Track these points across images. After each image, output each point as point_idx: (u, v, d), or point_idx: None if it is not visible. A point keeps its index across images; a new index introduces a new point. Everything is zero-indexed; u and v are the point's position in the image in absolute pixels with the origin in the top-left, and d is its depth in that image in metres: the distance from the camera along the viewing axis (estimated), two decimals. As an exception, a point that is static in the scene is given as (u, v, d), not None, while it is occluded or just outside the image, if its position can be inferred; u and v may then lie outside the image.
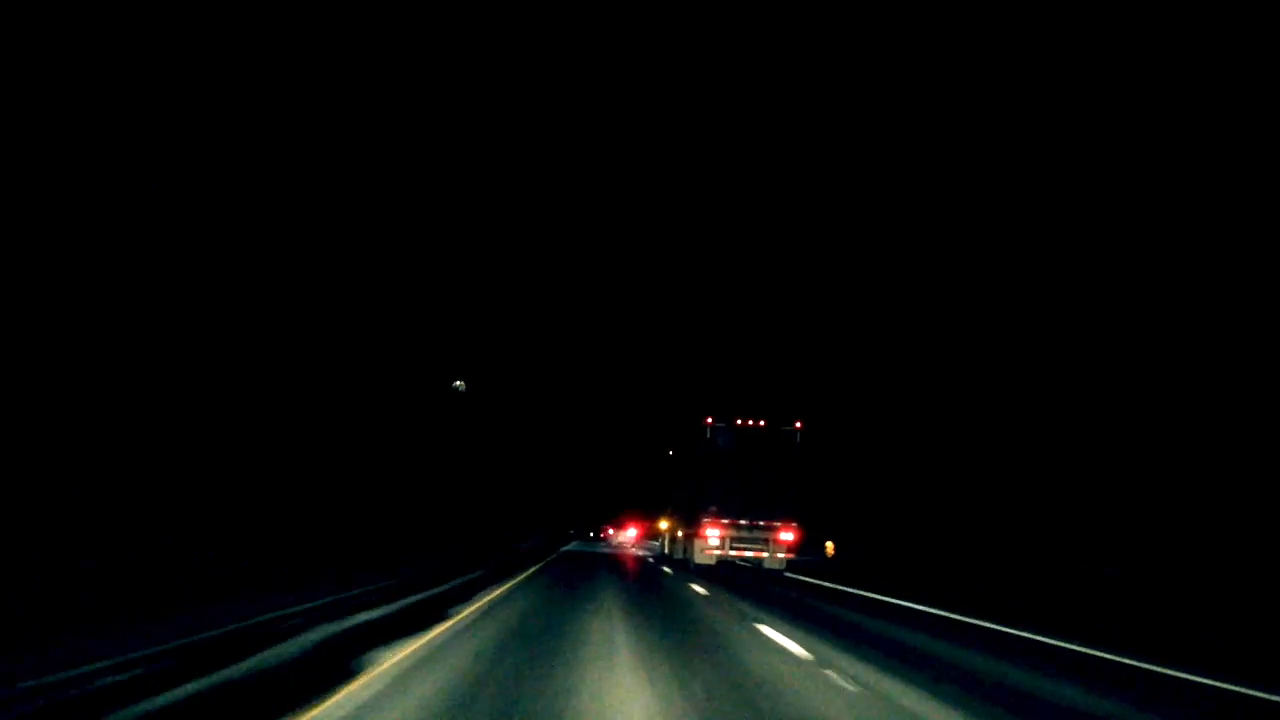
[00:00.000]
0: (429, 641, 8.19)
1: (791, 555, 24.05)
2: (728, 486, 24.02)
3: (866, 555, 31.10)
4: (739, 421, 24.33)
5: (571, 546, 50.96)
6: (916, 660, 8.67)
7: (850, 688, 6.86)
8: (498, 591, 14.43)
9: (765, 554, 24.03)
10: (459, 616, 10.42)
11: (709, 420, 24.29)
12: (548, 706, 5.75)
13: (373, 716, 5.29)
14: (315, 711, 5.31)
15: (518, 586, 15.81)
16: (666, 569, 25.31)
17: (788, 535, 23.84)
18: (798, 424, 24.36)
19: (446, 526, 41.20)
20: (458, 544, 34.16)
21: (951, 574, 26.09)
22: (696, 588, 17.51)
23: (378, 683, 6.20)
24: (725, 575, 23.48)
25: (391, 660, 7.07)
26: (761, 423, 24.33)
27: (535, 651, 7.97)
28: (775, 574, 24.78)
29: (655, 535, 41.19)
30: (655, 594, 15.84)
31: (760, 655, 8.44)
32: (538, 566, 22.83)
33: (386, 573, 16.73)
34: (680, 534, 29.43)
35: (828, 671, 7.53)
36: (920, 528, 31.74)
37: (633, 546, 61.22)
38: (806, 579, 23.70)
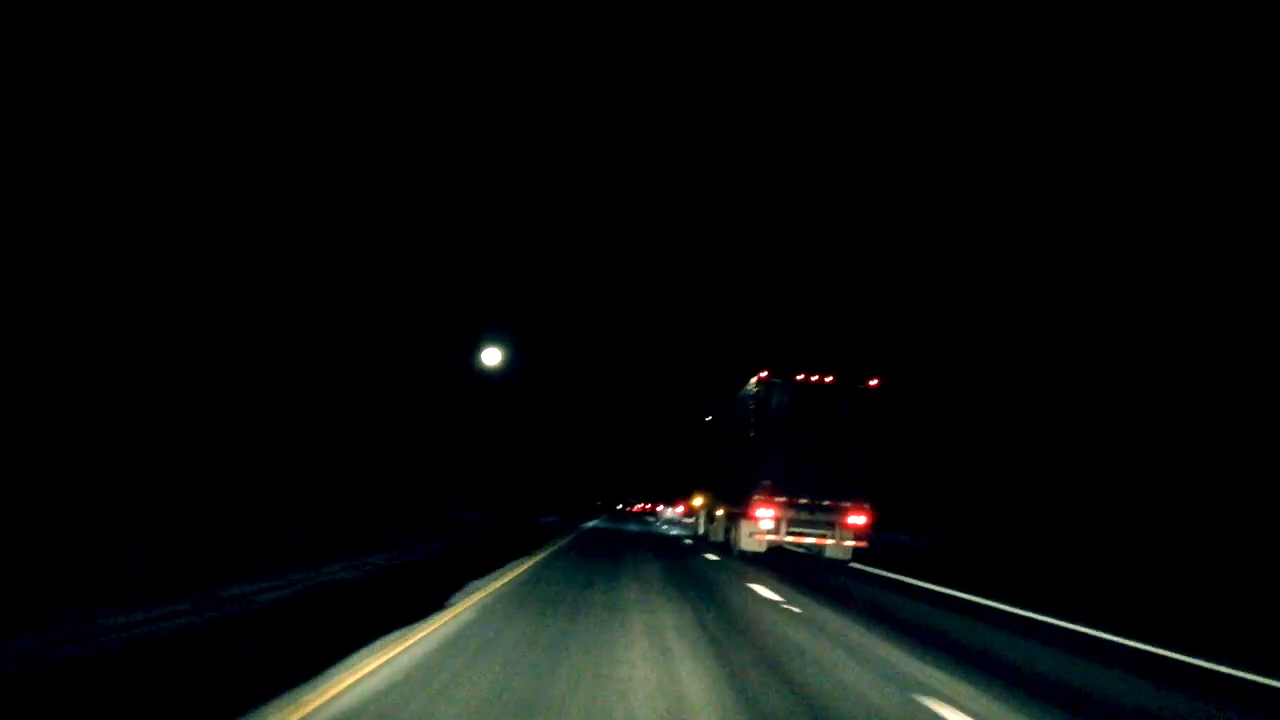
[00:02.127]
0: None
1: (862, 544, 19.51)
2: (785, 457, 19.50)
3: (949, 541, 26.44)
4: (799, 378, 19.74)
5: (596, 523, 46.72)
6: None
7: None
8: (492, 588, 10.11)
9: (830, 540, 19.51)
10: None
11: (763, 375, 19.72)
12: None
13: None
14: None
15: (538, 567, 11.49)
16: (711, 554, 20.86)
17: (858, 518, 19.31)
18: (873, 381, 19.72)
19: (455, 500, 37.36)
20: (463, 524, 30.13)
21: (1058, 569, 21.40)
22: (759, 589, 13.07)
23: None
24: (783, 565, 19.06)
25: None
26: (828, 379, 19.72)
27: None
28: (840, 565, 20.29)
29: (691, 513, 36.76)
30: (705, 597, 11.47)
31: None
32: (564, 542, 18.62)
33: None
34: (720, 513, 24.96)
35: None
36: (1012, 508, 26.94)
37: (665, 525, 57.19)
38: (883, 573, 19.23)
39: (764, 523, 19.39)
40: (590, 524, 42.43)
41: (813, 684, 6.45)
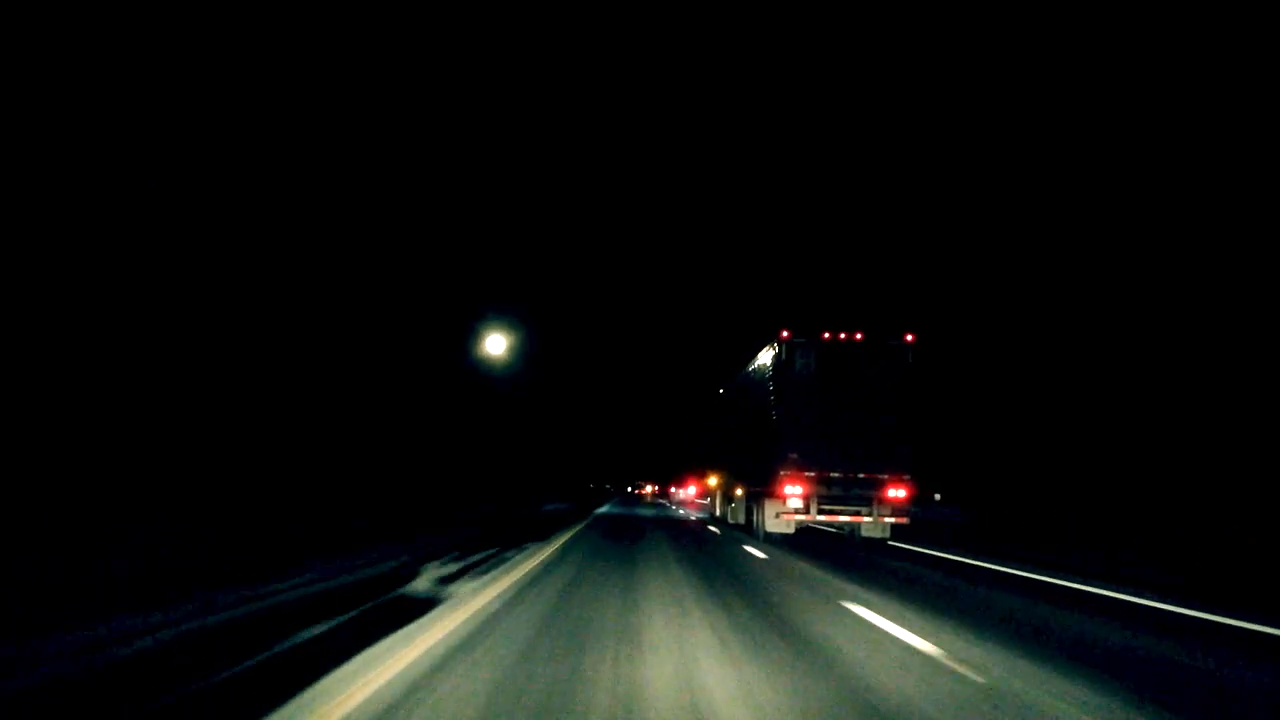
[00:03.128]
0: None
1: (904, 520, 17.31)
2: (812, 427, 17.30)
3: (985, 516, 24.19)
4: (825, 336, 17.49)
5: (607, 509, 44.64)
6: None
7: None
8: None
9: (867, 517, 17.33)
10: None
11: (784, 335, 17.49)
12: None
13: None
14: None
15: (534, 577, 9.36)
16: (753, 549, 18.73)
17: (898, 492, 17.11)
18: (909, 336, 17.47)
19: (457, 492, 35.43)
20: (475, 516, 28.10)
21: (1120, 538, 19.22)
22: (868, 616, 10.87)
23: None
24: (818, 547, 16.92)
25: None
26: (857, 336, 17.48)
27: None
28: (878, 544, 18.14)
29: (706, 494, 34.61)
30: (798, 653, 9.31)
31: None
32: (572, 533, 16.51)
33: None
34: (739, 492, 22.81)
35: None
36: (1012, 505, 24.67)
37: (680, 508, 55.15)
38: (933, 552, 17.08)
39: (792, 501, 17.22)
40: (601, 510, 40.35)
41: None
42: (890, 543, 18.30)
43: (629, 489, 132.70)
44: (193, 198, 21.67)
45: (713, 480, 31.00)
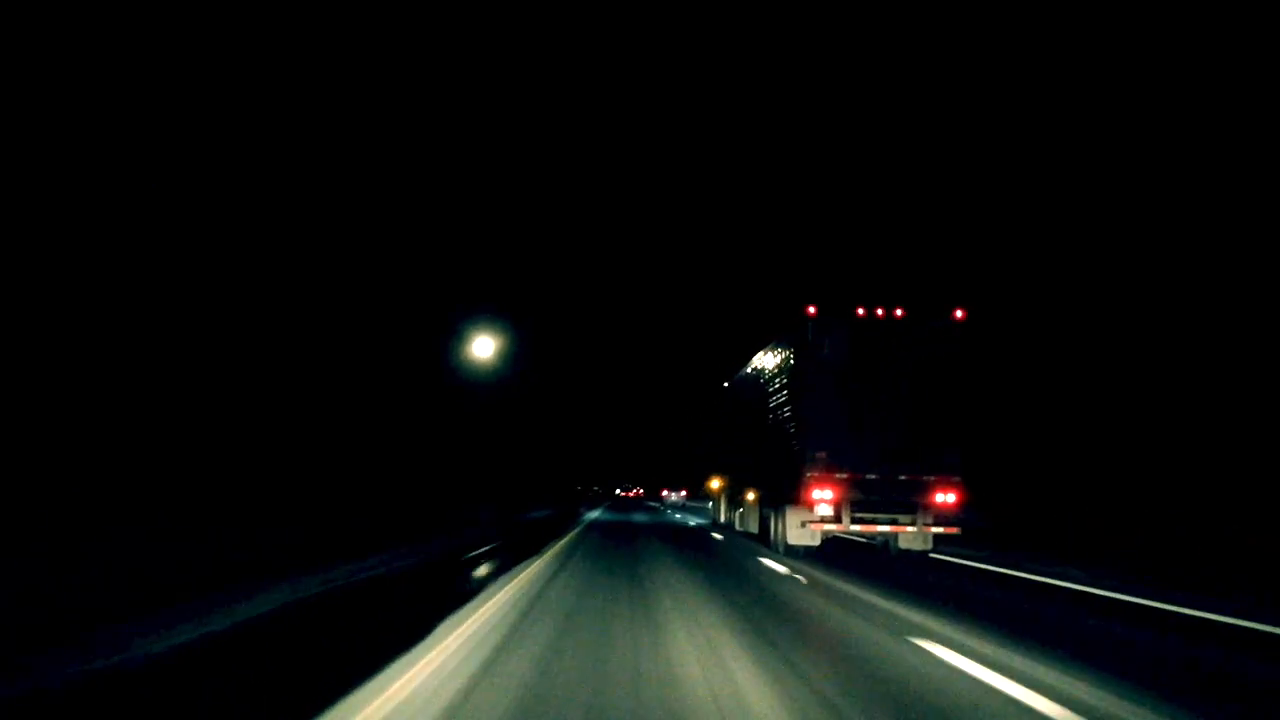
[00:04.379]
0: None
1: (953, 530, 14.67)
2: (845, 419, 14.66)
3: (1012, 516, 21.49)
4: (860, 312, 14.85)
5: (598, 514, 41.90)
6: None
7: None
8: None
9: (909, 527, 14.70)
10: None
11: (812, 311, 14.82)
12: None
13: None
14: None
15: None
16: (775, 564, 16.13)
17: (946, 496, 14.48)
18: (959, 312, 14.85)
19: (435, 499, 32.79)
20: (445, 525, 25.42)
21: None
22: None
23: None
24: (853, 562, 14.25)
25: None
26: (898, 312, 14.84)
27: None
28: (919, 557, 15.53)
29: (707, 498, 31.90)
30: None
31: None
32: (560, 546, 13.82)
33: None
34: (750, 498, 20.15)
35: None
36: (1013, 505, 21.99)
37: (670, 509, 52.46)
38: (987, 565, 14.46)
39: (821, 508, 14.57)
40: (592, 515, 37.61)
41: None
42: (932, 555, 15.69)
43: (619, 491, 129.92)
44: (181, 195, 20.98)
45: (715, 483, 28.32)
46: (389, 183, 33.80)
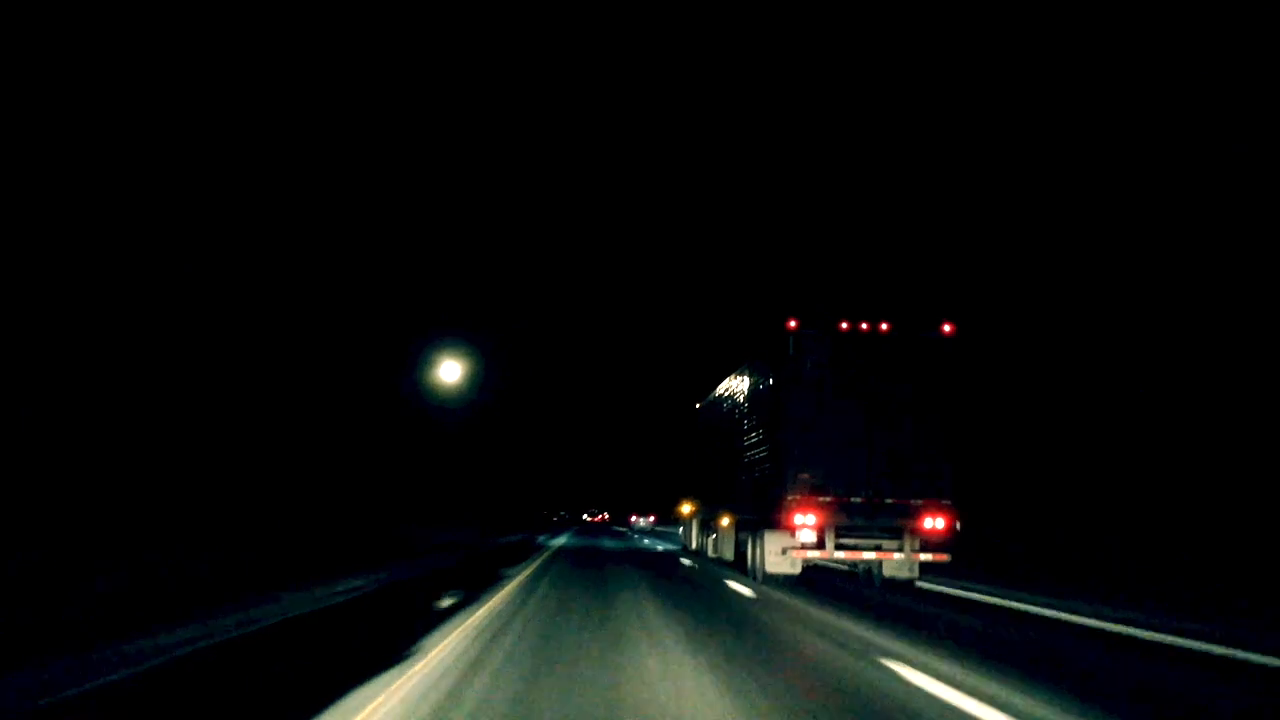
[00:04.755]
0: None
1: (943, 557, 13.75)
2: (828, 439, 13.72)
3: (1013, 542, 20.64)
4: (844, 325, 13.97)
5: (565, 540, 40.65)
6: None
7: None
8: None
9: (896, 553, 13.78)
10: None
11: (792, 324, 13.92)
12: None
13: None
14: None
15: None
16: (746, 590, 15.13)
17: (935, 521, 13.58)
18: (946, 326, 14.03)
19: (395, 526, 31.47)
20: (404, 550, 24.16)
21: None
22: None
23: None
24: (837, 591, 13.25)
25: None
26: (883, 326, 13.99)
27: None
28: (905, 585, 14.58)
29: (679, 522, 30.84)
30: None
31: None
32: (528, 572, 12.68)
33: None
34: (725, 523, 19.14)
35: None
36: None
37: (638, 535, 51.25)
38: (978, 596, 13.52)
39: (803, 533, 13.60)
40: (558, 541, 36.35)
41: None
42: (918, 583, 14.76)
43: (585, 516, 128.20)
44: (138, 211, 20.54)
45: (686, 508, 27.25)
46: (359, 205, 33.21)
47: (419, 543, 27.16)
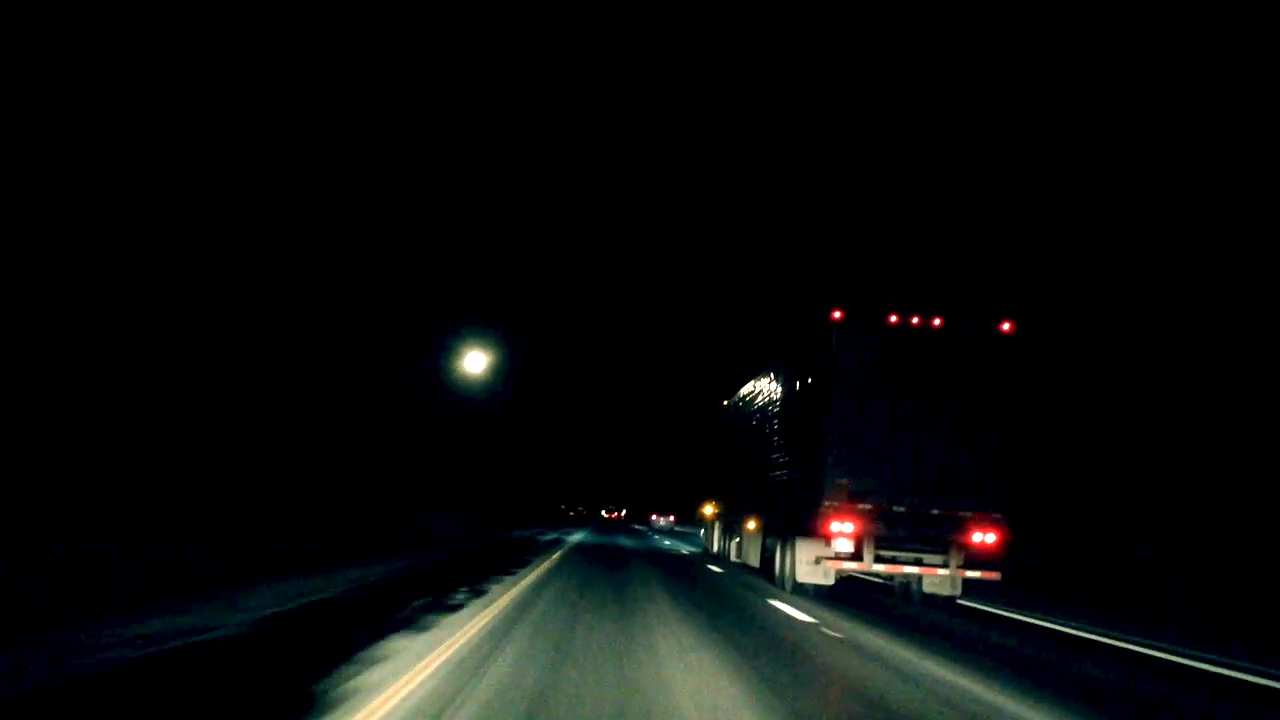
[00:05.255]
0: None
1: (991, 575, 12.62)
2: (871, 442, 12.64)
3: (1067, 561, 19.33)
4: (894, 318, 12.89)
5: (582, 537, 39.78)
6: None
7: None
8: None
9: (941, 569, 12.69)
10: None
11: (837, 315, 12.84)
12: None
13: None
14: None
15: None
16: (788, 608, 14.08)
17: (985, 535, 12.46)
18: (1005, 324, 12.91)
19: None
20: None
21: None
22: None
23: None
24: (873, 606, 12.13)
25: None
26: (936, 321, 12.90)
27: None
28: (946, 602, 13.49)
29: (701, 522, 29.81)
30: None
31: None
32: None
33: None
34: (753, 526, 18.10)
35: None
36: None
37: (658, 535, 50.22)
38: (1022, 617, 12.38)
39: (840, 542, 12.55)
40: (575, 537, 35.43)
41: None
42: (959, 601, 13.66)
43: (602, 513, 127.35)
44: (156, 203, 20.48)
45: (709, 509, 26.23)
46: (379, 195, 32.77)
47: (435, 535, 26.34)
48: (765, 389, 17.45)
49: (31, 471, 15.54)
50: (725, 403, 23.39)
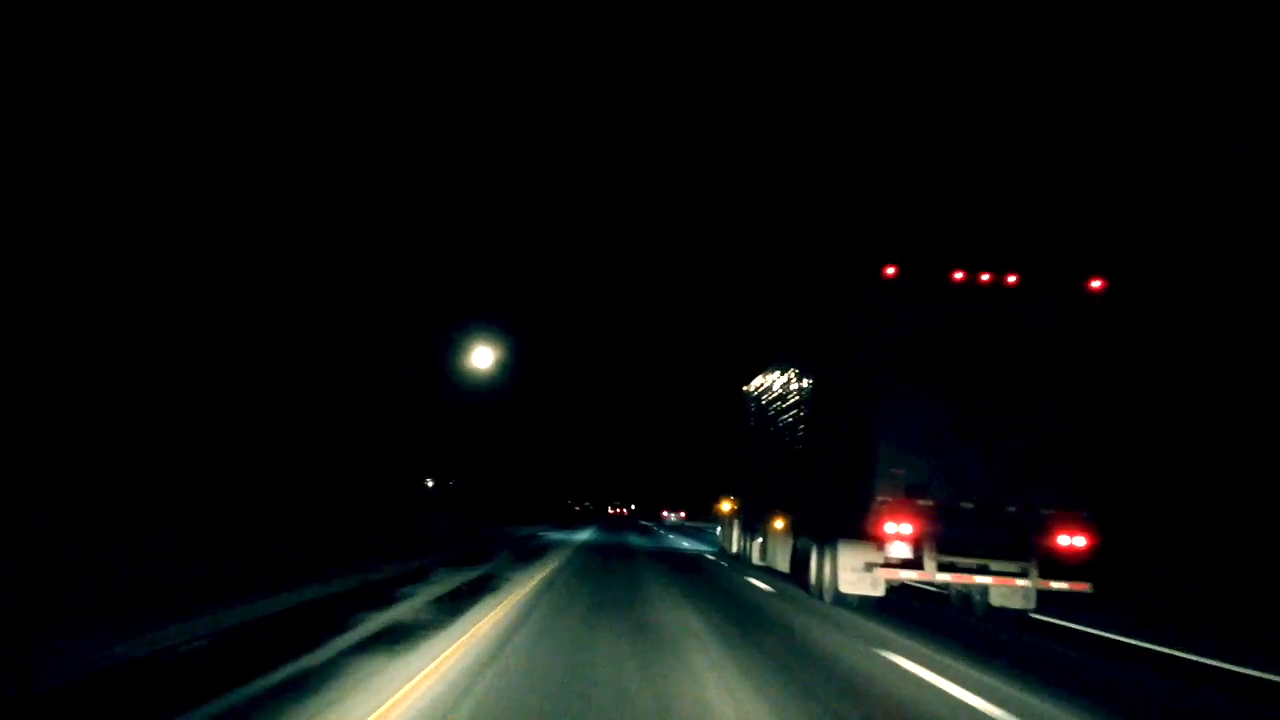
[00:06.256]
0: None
1: (1081, 585, 10.41)
2: (931, 426, 10.46)
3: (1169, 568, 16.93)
4: (958, 275, 10.68)
5: (589, 535, 37.72)
6: None
7: None
8: None
9: (1020, 579, 10.50)
10: None
11: (890, 271, 10.63)
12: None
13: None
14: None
15: None
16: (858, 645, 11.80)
17: (1073, 539, 10.27)
18: (1095, 281, 10.68)
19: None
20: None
21: None
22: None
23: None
24: (948, 625, 9.94)
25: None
26: (1010, 278, 10.68)
27: None
28: (1017, 617, 11.32)
29: (717, 519, 27.65)
30: None
31: None
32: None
33: None
34: (780, 525, 15.89)
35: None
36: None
37: (665, 530, 48.21)
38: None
39: (895, 546, 10.39)
40: (582, 536, 33.30)
41: None
42: (1033, 615, 11.48)
43: (610, 510, 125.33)
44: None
45: (726, 506, 24.03)
46: (378, 192, 32.27)
47: (436, 534, 24.35)
48: (795, 368, 15.24)
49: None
50: (746, 387, 21.18)
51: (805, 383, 14.36)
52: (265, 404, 23.91)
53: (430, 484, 41.63)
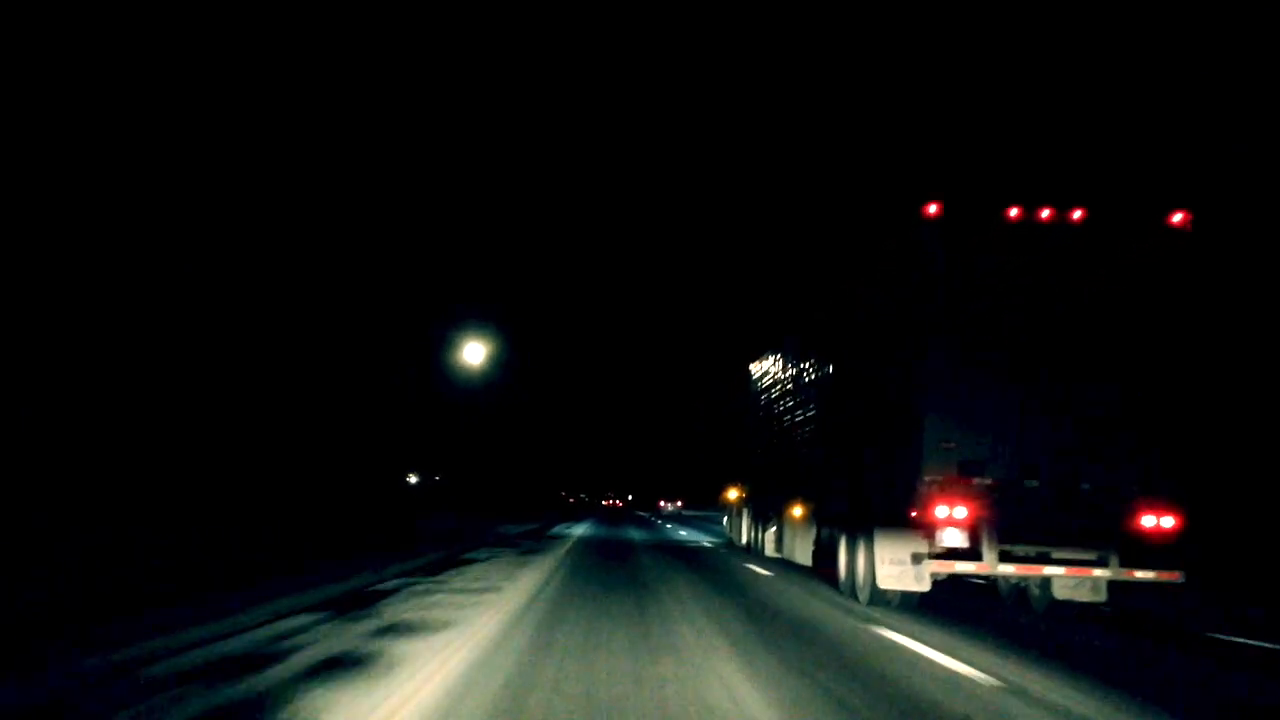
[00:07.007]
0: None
1: (1171, 574, 8.77)
2: (985, 393, 8.82)
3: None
4: (1014, 213, 9.02)
5: (585, 529, 36.14)
6: None
7: None
8: None
9: (1099, 568, 8.88)
10: None
11: (934, 209, 8.97)
12: None
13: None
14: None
15: None
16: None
17: (1160, 520, 8.67)
18: (1177, 215, 9.03)
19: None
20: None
21: None
22: None
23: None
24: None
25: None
26: (1076, 214, 9.02)
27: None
28: (1083, 612, 9.74)
29: (721, 507, 25.99)
30: None
31: None
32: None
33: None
34: (799, 513, 14.24)
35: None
36: None
37: (662, 520, 46.63)
38: None
39: (947, 533, 8.77)
40: (579, 530, 31.65)
41: None
42: (1104, 608, 9.88)
43: (604, 502, 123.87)
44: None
45: (733, 493, 22.37)
46: (375, 190, 32.39)
47: (423, 531, 22.79)
48: (817, 333, 13.58)
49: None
50: (755, 362, 19.52)
51: (827, 347, 12.72)
52: (258, 402, 23.54)
53: (414, 480, 40.29)
